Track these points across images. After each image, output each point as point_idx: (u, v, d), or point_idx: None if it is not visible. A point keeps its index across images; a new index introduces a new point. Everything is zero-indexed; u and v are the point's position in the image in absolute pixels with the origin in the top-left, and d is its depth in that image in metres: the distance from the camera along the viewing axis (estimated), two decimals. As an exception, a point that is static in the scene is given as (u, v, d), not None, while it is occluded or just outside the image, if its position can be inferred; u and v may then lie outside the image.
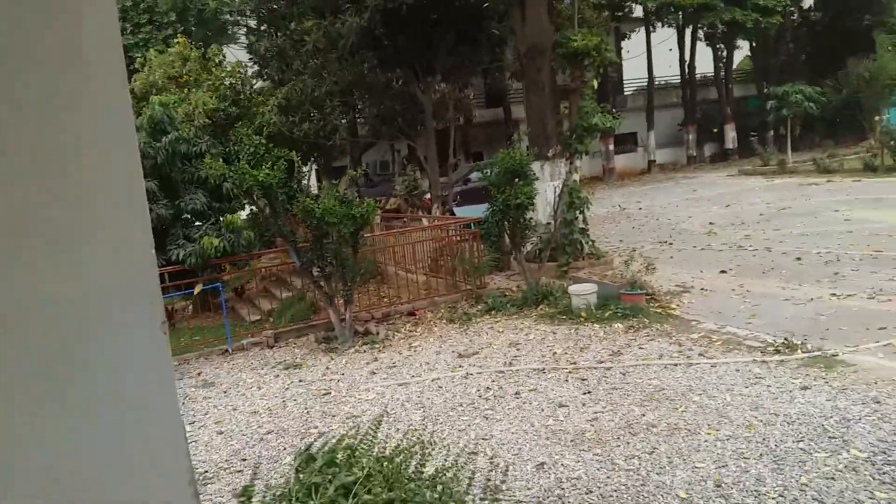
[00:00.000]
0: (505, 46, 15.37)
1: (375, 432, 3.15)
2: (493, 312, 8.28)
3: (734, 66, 33.19)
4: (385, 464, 2.89)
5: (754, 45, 33.06)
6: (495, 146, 10.11)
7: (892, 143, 19.55)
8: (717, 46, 31.38)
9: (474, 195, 14.92)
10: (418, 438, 4.82)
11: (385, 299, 9.46)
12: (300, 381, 6.70)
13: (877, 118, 22.34)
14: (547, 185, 10.50)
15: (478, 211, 9.85)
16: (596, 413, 5.04)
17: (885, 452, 4.00)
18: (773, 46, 31.91)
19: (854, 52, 27.48)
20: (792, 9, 31.97)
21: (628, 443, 4.49)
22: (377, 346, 7.46)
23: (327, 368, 6.96)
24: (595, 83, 11.75)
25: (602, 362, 6.14)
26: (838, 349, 5.84)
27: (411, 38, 14.30)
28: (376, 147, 24.17)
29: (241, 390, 6.66)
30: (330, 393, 6.21)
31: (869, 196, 15.39)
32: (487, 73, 19.80)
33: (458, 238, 10.29)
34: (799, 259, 9.68)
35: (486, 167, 9.53)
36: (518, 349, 6.79)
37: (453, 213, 14.37)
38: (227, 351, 8.06)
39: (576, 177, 11.98)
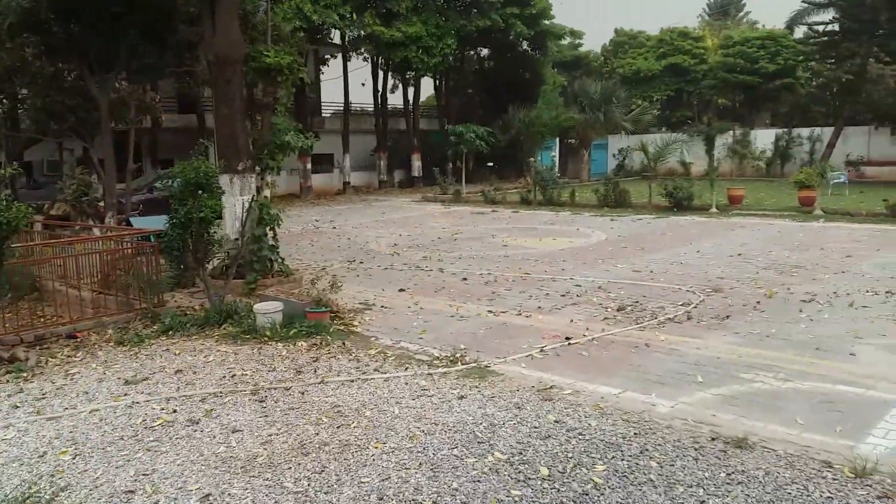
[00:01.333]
0: (196, 52, 14.64)
1: None
2: (170, 333, 7.75)
3: (421, 102, 36.13)
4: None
5: (438, 84, 36.46)
6: (187, 154, 9.56)
7: (541, 181, 23.09)
8: (406, 81, 33.89)
9: (160, 205, 13.88)
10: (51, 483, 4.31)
11: (42, 319, 8.27)
12: (-87, 421, 5.50)
13: (531, 160, 26.14)
14: (236, 199, 10.22)
15: (162, 222, 9.18)
16: (271, 435, 5.01)
17: (521, 453, 4.64)
18: (454, 88, 35.55)
19: (517, 99, 31.89)
20: (472, 53, 36.06)
21: (300, 464, 4.55)
22: (25, 374, 6.46)
23: (-46, 404, 5.82)
24: (288, 101, 11.82)
25: (282, 382, 6.15)
26: (491, 361, 6.65)
27: (87, 29, 12.86)
28: (44, 144, 21.15)
29: None
30: (-45, 434, 5.21)
31: (523, 226, 17.91)
32: (178, 77, 18.66)
33: (135, 251, 9.45)
34: (465, 279, 10.85)
35: (168, 177, 8.95)
36: (195, 372, 6.46)
37: (130, 224, 13.16)
38: None
39: (267, 192, 11.89)
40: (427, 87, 37.41)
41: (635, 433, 4.92)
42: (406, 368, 6.50)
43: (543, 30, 34.08)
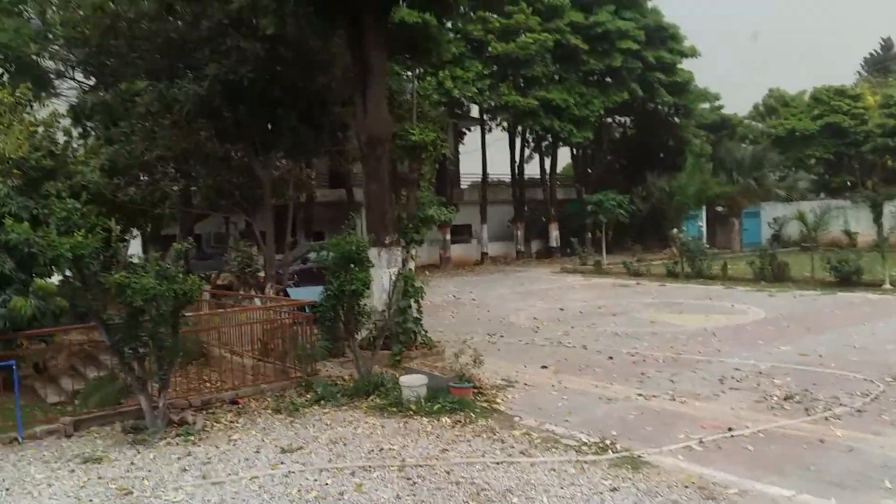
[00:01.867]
0: (348, 131, 15.65)
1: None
2: (322, 402, 8.03)
3: (558, 171, 36.25)
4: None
5: (575, 153, 36.51)
6: (338, 226, 10.24)
7: (688, 252, 22.09)
8: (543, 151, 34.19)
9: (314, 276, 14.68)
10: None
11: (207, 384, 8.87)
12: (99, 477, 6.00)
13: (675, 230, 25.19)
14: (383, 271, 10.60)
15: (316, 292, 9.68)
16: (418, 516, 4.97)
17: (680, 555, 4.28)
18: (592, 156, 35.36)
19: (658, 166, 31.08)
20: (610, 121, 35.86)
21: (448, 550, 4.46)
22: (192, 437, 6.91)
23: (132, 463, 6.30)
24: (432, 175, 12.28)
25: (428, 459, 6.12)
26: (644, 450, 6.27)
27: (252, 113, 14.16)
28: (211, 218, 23.25)
29: (27, 488, 5.83)
30: (132, 493, 5.61)
31: (671, 300, 17.10)
32: (331, 155, 20.06)
33: (291, 321, 9.99)
34: (611, 358, 10.44)
35: (322, 249, 9.46)
36: (346, 444, 6.60)
37: (287, 294, 14.00)
38: (16, 440, 7.07)
39: (411, 265, 12.24)
40: (564, 155, 37.54)
41: (816, 545, 4.39)
42: (553, 453, 6.27)
43: (686, 96, 33.22)
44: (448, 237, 30.25)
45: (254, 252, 16.09)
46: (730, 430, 6.77)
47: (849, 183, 37.27)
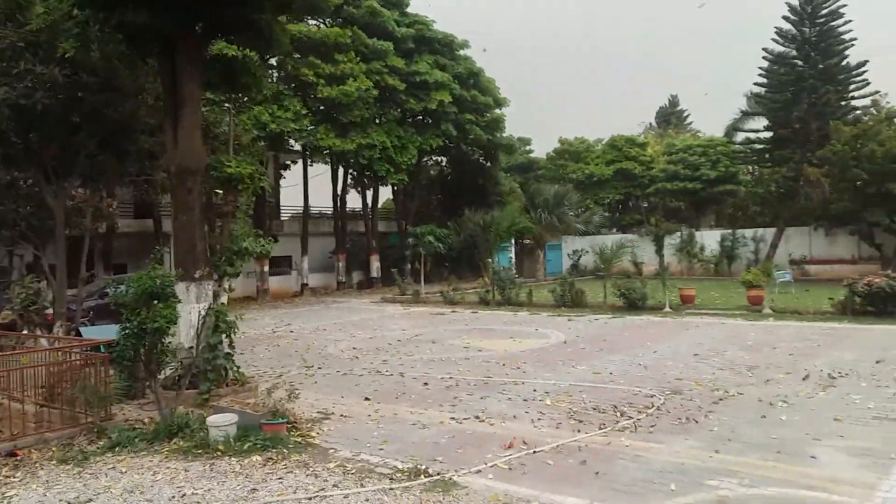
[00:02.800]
0: (156, 160, 14.74)
1: None
2: (117, 449, 7.36)
3: (379, 205, 36.81)
4: None
5: (395, 188, 37.33)
6: (142, 259, 9.51)
7: (499, 281, 23.36)
8: (364, 185, 34.65)
9: (112, 312, 13.50)
10: None
11: (-23, 436, 7.78)
12: None
13: (488, 260, 26.55)
14: (191, 307, 10.03)
15: (113, 331, 8.90)
16: (223, 562, 4.72)
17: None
18: (411, 191, 36.41)
19: (473, 202, 32.77)
20: (427, 160, 37.29)
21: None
22: (-45, 500, 6.02)
23: None
24: (249, 208, 11.92)
25: (235, 501, 5.85)
26: (455, 472, 6.47)
27: (46, 139, 12.92)
28: (-8, 250, 20.65)
29: None
30: None
31: (483, 326, 17.93)
32: (136, 184, 18.67)
33: (83, 362, 9.09)
34: (426, 384, 10.69)
35: (120, 285, 8.77)
36: (143, 492, 6.10)
37: (79, 333, 12.74)
38: None
39: (224, 299, 11.70)
40: (385, 190, 38.26)
41: (604, 548, 4.79)
42: (367, 483, 6.27)
43: (496, 141, 35.57)
44: (266, 269, 29.35)
45: (42, 287, 14.50)
46: (526, 447, 7.20)
47: (637, 220, 41.61)
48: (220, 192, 13.10)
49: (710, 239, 35.64)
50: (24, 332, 12.93)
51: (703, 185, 38.21)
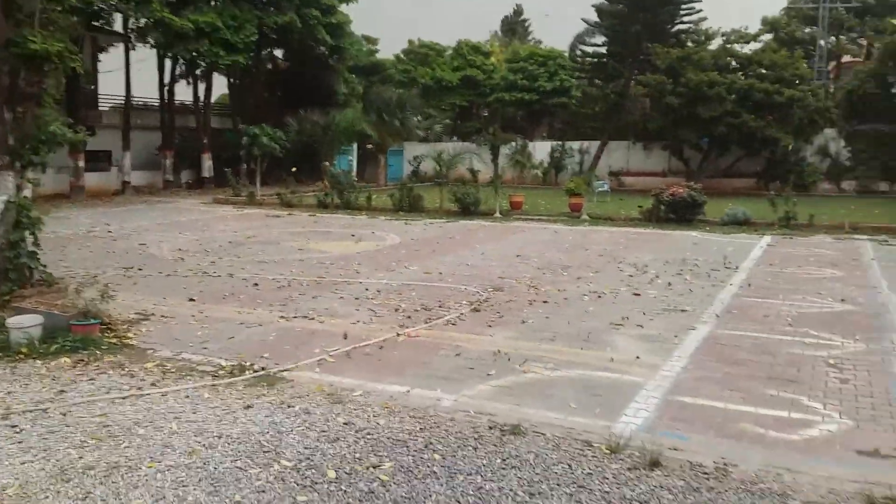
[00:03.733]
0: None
1: None
2: None
3: (214, 100, 34.38)
4: None
5: (232, 82, 34.97)
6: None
7: (338, 185, 23.10)
8: (197, 77, 32.08)
9: None
10: None
11: None
12: None
13: (325, 163, 26.05)
14: (-11, 200, 8.98)
15: None
16: (24, 463, 4.48)
17: (309, 458, 4.59)
18: (249, 87, 34.28)
19: (313, 102, 31.56)
20: (264, 53, 35.04)
21: (59, 492, 4.11)
22: None
23: None
24: (58, 92, 10.64)
25: (40, 404, 5.51)
26: (281, 367, 6.52)
27: None
28: None
29: None
30: None
31: (320, 229, 17.77)
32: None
33: None
34: (257, 285, 10.51)
35: None
36: (-73, 400, 5.57)
37: None
38: None
39: (27, 192, 10.55)
40: (220, 84, 35.69)
41: (421, 428, 5.11)
42: (187, 381, 6.15)
43: (343, 37, 34.07)
44: (81, 164, 26.70)
45: None
46: (345, 337, 7.40)
47: (477, 129, 42.37)
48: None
49: (541, 150, 37.31)
50: None
51: (540, 96, 39.43)
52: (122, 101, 29.74)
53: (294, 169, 30.11)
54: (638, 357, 6.95)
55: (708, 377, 6.33)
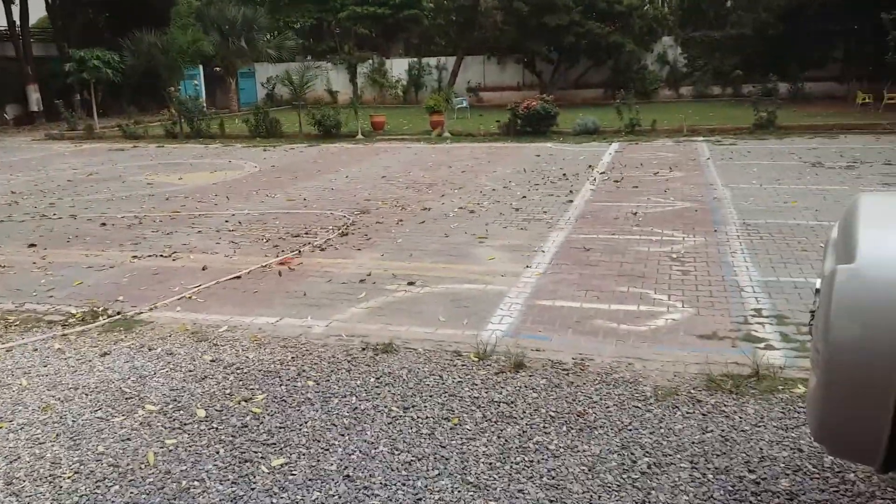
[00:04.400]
0: None
1: None
2: None
3: (33, 24, 30.56)
4: None
5: (51, 2, 31.16)
6: None
7: (186, 112, 21.59)
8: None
9: None
10: None
11: None
12: None
13: (171, 89, 24.23)
14: None
15: None
16: None
17: (175, 400, 4.45)
18: (70, 8, 30.71)
19: (146, 22, 28.86)
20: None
21: None
22: None
23: None
24: None
25: None
26: (139, 309, 6.19)
27: None
28: None
29: None
30: None
31: (170, 161, 16.70)
32: None
33: None
34: (104, 225, 9.79)
35: None
36: None
37: None
38: None
39: None
40: (37, 6, 31.60)
41: (293, 357, 5.08)
42: (34, 333, 5.71)
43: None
44: None
45: None
46: (204, 269, 7.15)
47: (331, 48, 40.71)
48: None
49: (398, 67, 36.66)
50: None
51: (392, 10, 38.29)
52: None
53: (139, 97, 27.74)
54: (502, 268, 7.23)
55: (565, 279, 6.71)
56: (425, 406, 4.29)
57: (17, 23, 28.82)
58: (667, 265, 7.10)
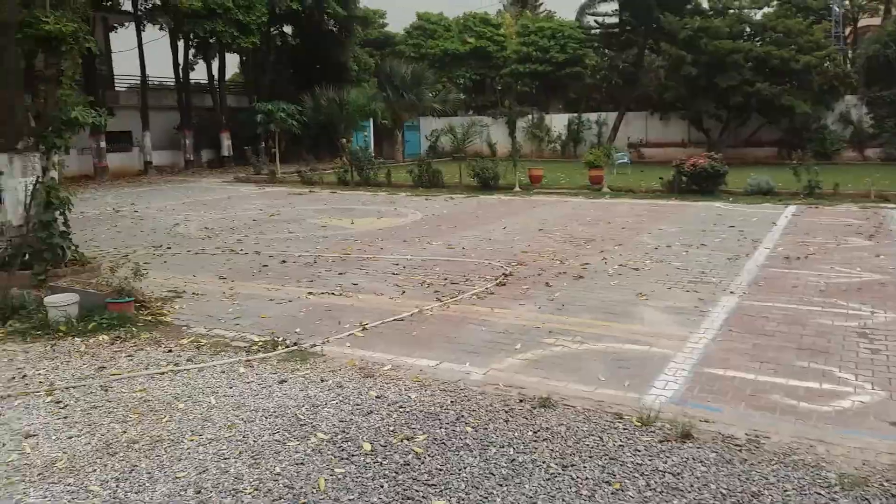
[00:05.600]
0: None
1: None
2: (-60, 336, 6.80)
3: (228, 78, 34.40)
4: None
5: (244, 59, 34.89)
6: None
7: (357, 161, 23.13)
8: (209, 55, 32.07)
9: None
10: None
11: None
12: None
13: (343, 140, 26.08)
14: (17, 181, 9.14)
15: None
16: (71, 438, 4.64)
17: (344, 431, 4.70)
18: (261, 65, 34.22)
19: (326, 78, 31.46)
20: (274, 31, 34.90)
21: (106, 465, 4.26)
22: None
23: None
24: (75, 73, 10.70)
25: (82, 380, 5.67)
26: (312, 343, 6.63)
27: None
28: None
29: None
30: None
31: (341, 206, 17.86)
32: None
33: None
34: (284, 262, 10.64)
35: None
36: (-26, 377, 5.75)
37: None
38: None
39: (54, 174, 10.72)
40: (232, 62, 35.71)
41: (452, 401, 5.20)
42: (222, 356, 6.28)
43: (351, 13, 33.88)
44: (103, 145, 26.99)
45: None
46: (378, 313, 7.49)
47: (491, 102, 42.01)
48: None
49: (558, 122, 36.98)
50: None
51: (553, 67, 38.85)
52: (138, 82, 29.89)
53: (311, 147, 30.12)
54: (666, 330, 6.97)
55: (737, 348, 6.34)
56: (585, 466, 4.20)
57: (216, 77, 32.54)
58: (853, 341, 6.50)
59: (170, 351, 6.41)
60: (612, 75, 35.60)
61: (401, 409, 5.06)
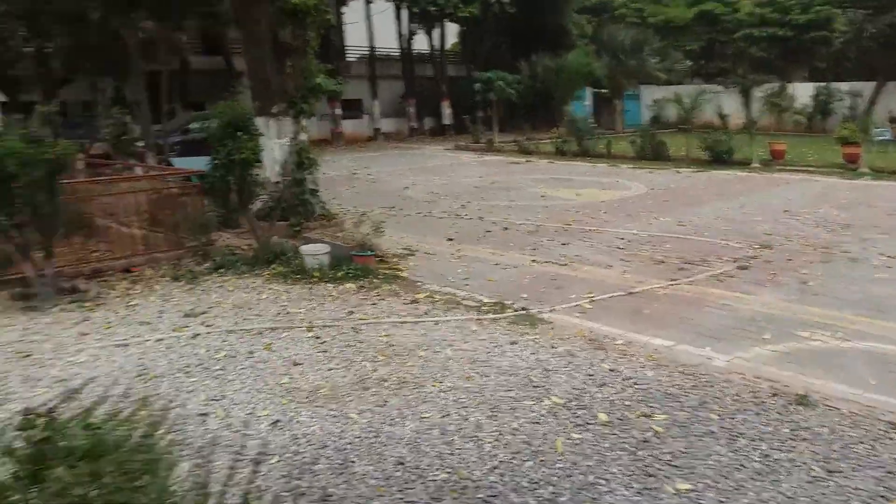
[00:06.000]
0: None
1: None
2: (221, 271, 7.88)
3: (447, 48, 35.39)
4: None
5: (463, 30, 35.58)
6: (217, 97, 9.64)
7: (577, 131, 22.69)
8: (430, 26, 33.13)
9: (195, 147, 13.85)
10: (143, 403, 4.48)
11: (95, 254, 8.40)
12: (-12, 344, 5.69)
13: (565, 107, 25.66)
14: (273, 142, 10.22)
15: (199, 163, 9.21)
16: (330, 370, 5.12)
17: (577, 399, 4.68)
18: (479, 34, 34.67)
19: (543, 46, 31.05)
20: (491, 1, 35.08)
21: (361, 397, 4.66)
22: (88, 304, 6.64)
23: (26, 329, 6.04)
24: (317, 44, 11.58)
25: (336, 320, 6.23)
26: (540, 309, 6.66)
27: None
28: (77, 85, 21.11)
29: None
30: (31, 355, 5.40)
31: (561, 176, 17.70)
32: (202, 16, 18.23)
33: (179, 191, 9.49)
34: (506, 229, 10.81)
35: (206, 118, 8.97)
36: (251, 308, 6.58)
37: (170, 164, 13.22)
38: None
39: (304, 137, 11.83)
40: (450, 32, 36.60)
41: (692, 385, 4.92)
42: (455, 313, 6.53)
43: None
44: (339, 112, 29.30)
45: (128, 120, 14.93)
46: (606, 286, 7.28)
47: (723, 70, 38.74)
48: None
49: (802, 92, 33.15)
50: (120, 162, 13.48)
51: (794, 31, 34.68)
52: (367, 52, 31.82)
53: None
54: (948, 333, 6.00)
55: None
56: (855, 475, 3.75)
57: (436, 48, 33.64)
58: None
59: (408, 303, 6.80)
60: (866, 40, 31.02)
61: (636, 386, 4.90)
